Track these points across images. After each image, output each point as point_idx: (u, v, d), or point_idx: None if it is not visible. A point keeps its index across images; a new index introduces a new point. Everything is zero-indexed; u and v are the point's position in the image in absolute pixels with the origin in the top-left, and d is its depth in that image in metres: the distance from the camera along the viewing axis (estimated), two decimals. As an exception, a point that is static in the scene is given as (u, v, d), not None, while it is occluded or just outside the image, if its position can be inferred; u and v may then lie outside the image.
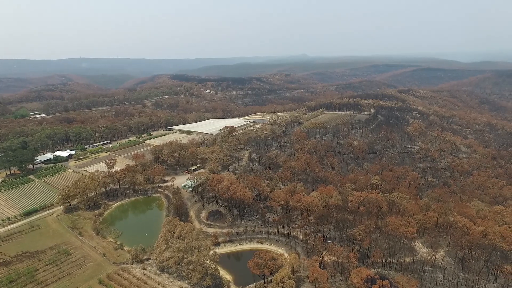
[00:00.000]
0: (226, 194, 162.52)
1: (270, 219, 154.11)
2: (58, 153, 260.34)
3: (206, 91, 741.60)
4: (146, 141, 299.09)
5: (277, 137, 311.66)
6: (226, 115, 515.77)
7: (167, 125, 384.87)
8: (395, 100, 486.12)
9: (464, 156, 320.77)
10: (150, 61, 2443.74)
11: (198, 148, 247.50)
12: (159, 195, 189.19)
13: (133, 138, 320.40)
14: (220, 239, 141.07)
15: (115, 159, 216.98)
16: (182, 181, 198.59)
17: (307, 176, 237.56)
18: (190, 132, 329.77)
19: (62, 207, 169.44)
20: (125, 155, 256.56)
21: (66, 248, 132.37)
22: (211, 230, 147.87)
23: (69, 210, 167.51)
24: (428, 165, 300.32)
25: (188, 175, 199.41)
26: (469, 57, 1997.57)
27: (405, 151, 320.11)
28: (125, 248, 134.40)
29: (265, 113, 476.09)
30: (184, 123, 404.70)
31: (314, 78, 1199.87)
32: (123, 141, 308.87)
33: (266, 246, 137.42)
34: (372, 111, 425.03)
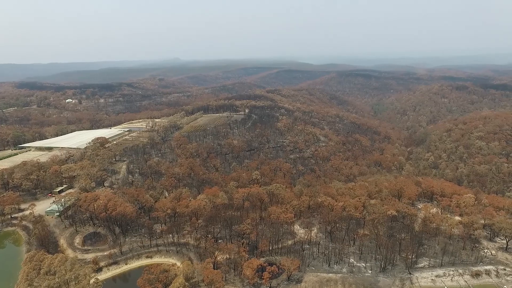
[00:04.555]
0: (104, 213, 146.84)
1: (158, 230, 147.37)
2: None
3: (67, 100, 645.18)
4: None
5: (157, 144, 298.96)
6: (95, 125, 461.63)
7: (16, 143, 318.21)
8: (265, 100, 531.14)
9: (323, 144, 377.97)
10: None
11: (63, 166, 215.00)
12: (14, 228, 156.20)
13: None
14: (102, 263, 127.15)
15: None
16: (45, 206, 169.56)
17: (192, 180, 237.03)
18: (50, 149, 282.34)
19: None
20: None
21: None
22: (90, 256, 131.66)
23: None
24: (297, 155, 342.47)
25: (53, 198, 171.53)
26: (318, 60, 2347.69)
27: (278, 145, 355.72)
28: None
29: (140, 120, 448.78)
30: (41, 139, 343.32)
31: (189, 81, 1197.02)
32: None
33: (156, 259, 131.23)
34: (247, 111, 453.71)
